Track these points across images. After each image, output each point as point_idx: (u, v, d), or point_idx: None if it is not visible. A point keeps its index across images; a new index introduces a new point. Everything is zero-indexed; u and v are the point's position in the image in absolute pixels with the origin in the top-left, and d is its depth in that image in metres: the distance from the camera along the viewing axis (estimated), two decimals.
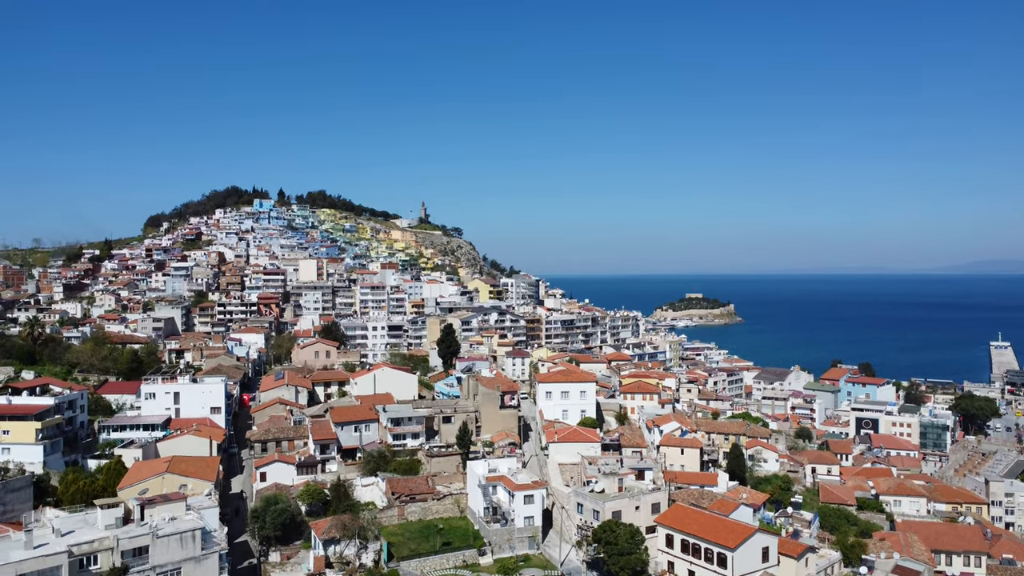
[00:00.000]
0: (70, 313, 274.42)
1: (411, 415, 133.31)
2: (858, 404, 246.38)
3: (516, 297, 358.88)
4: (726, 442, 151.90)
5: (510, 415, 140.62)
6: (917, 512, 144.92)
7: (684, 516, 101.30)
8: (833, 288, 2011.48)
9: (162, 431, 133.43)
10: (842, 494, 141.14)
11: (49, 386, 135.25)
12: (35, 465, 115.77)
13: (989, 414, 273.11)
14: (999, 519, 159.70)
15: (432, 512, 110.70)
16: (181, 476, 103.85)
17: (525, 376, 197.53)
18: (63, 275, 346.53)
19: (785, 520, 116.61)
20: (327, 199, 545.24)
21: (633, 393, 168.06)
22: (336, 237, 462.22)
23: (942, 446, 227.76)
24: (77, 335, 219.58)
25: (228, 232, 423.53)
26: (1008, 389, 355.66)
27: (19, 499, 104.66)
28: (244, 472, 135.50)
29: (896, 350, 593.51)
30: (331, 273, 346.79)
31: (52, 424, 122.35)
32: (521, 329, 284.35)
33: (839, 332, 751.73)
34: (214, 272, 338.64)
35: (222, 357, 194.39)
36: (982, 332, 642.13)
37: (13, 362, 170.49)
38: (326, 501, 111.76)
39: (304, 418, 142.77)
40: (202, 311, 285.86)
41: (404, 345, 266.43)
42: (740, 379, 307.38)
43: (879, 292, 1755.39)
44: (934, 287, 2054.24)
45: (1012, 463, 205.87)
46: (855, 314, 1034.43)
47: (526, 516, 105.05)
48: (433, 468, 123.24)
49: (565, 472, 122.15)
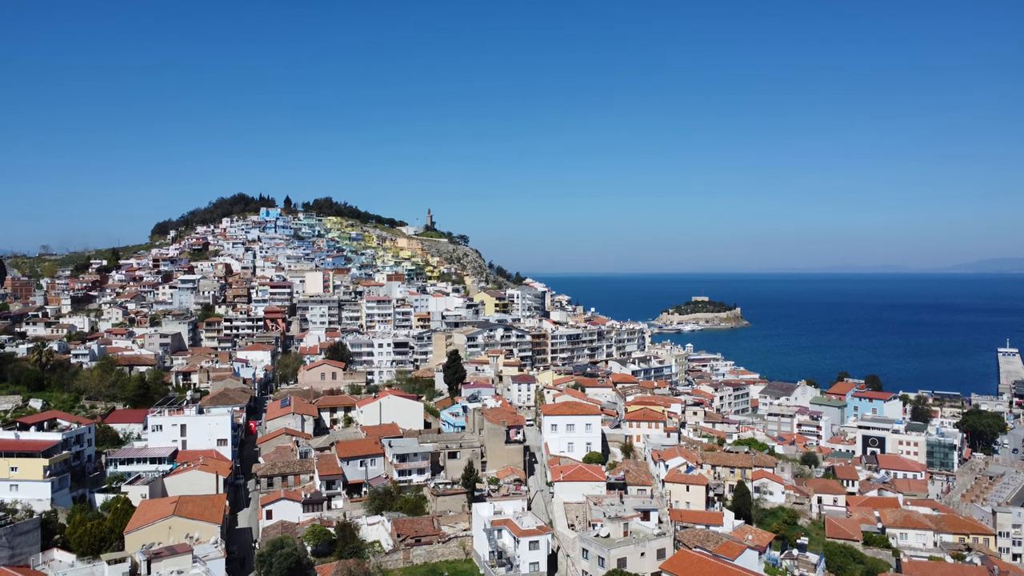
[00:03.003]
0: (78, 327, 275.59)
1: (417, 451, 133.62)
2: (864, 422, 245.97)
3: (522, 309, 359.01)
4: (732, 475, 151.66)
5: (515, 450, 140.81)
6: (923, 546, 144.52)
7: (690, 564, 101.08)
8: (839, 288, 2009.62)
9: (169, 464, 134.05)
10: (848, 528, 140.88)
11: (57, 420, 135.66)
12: (43, 502, 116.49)
13: (997, 431, 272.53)
14: (1006, 550, 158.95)
15: (437, 555, 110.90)
16: (187, 519, 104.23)
17: (531, 402, 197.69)
18: (71, 286, 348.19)
19: (791, 563, 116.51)
20: (333, 206, 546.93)
21: (638, 421, 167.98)
22: (342, 246, 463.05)
23: (949, 466, 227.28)
24: (85, 352, 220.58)
25: (235, 242, 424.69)
26: (1016, 401, 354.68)
27: (27, 542, 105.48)
28: (250, 506, 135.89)
29: (903, 356, 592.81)
30: (337, 285, 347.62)
31: (60, 460, 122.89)
32: (527, 345, 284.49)
33: (846, 337, 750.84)
34: (221, 284, 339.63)
35: (228, 380, 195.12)
36: (990, 337, 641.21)
37: (21, 388, 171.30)
38: (332, 541, 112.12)
39: (310, 450, 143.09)
40: (209, 326, 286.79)
41: (410, 362, 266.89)
42: (746, 393, 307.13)
43: (886, 293, 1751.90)
44: (942, 287, 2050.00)
45: (1019, 487, 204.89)
46: (862, 317, 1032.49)
47: (531, 562, 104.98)
48: (439, 507, 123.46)
49: (570, 511, 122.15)
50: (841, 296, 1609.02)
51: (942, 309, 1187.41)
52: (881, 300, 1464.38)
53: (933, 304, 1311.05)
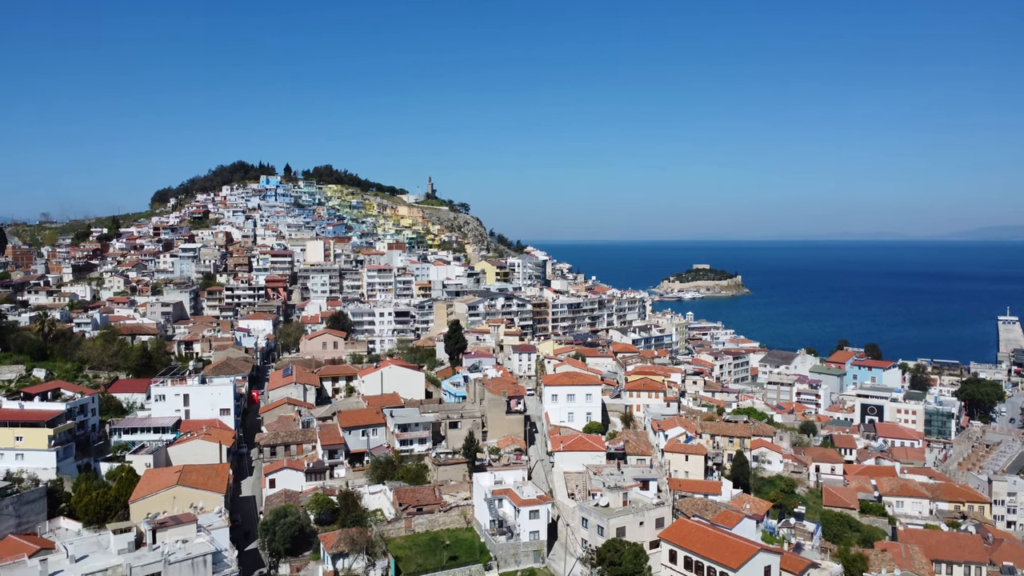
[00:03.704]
0: (80, 296, 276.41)
1: (418, 421, 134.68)
2: (863, 390, 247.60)
3: (523, 278, 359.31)
4: (731, 445, 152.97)
5: (516, 420, 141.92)
6: (919, 514, 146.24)
7: (688, 532, 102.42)
8: (839, 256, 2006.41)
9: (172, 434, 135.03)
10: (845, 497, 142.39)
11: (60, 391, 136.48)
12: (48, 471, 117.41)
13: (995, 399, 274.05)
14: (1001, 518, 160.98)
15: (439, 524, 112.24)
16: (191, 488, 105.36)
17: (531, 372, 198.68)
18: (72, 255, 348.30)
19: (788, 532, 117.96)
20: (333, 174, 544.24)
21: (639, 391, 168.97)
22: (343, 214, 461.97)
23: (947, 434, 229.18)
24: (87, 321, 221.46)
25: (235, 210, 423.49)
26: (1015, 370, 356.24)
27: (33, 510, 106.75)
28: (254, 474, 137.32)
29: (903, 324, 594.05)
30: (338, 254, 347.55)
31: (64, 430, 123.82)
32: (528, 314, 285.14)
33: (846, 305, 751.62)
34: (222, 253, 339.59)
35: (231, 349, 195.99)
36: (990, 305, 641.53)
37: (24, 358, 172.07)
38: (335, 509, 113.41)
39: (312, 419, 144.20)
40: (210, 295, 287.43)
41: (411, 331, 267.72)
42: (746, 362, 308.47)
43: (886, 260, 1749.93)
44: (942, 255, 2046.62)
45: (1016, 455, 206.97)
46: (862, 284, 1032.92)
47: (531, 530, 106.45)
48: (440, 476, 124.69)
49: (570, 481, 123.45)
50: (841, 264, 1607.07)
51: (942, 277, 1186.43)
52: (881, 268, 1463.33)
53: (933, 272, 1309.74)
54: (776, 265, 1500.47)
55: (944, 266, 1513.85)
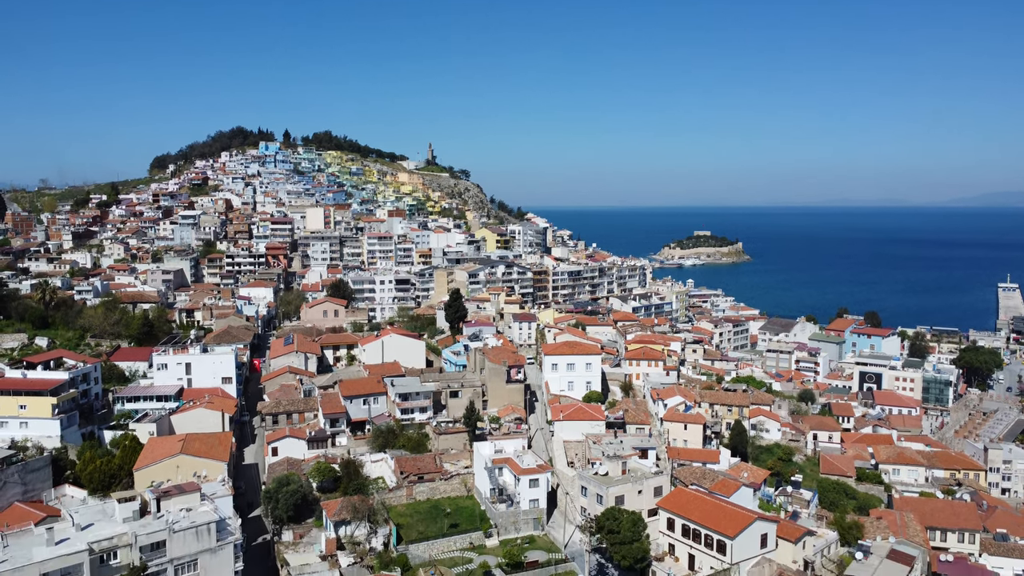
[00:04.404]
0: (80, 264, 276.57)
1: (419, 390, 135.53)
2: (862, 358, 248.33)
3: (523, 245, 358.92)
4: (729, 414, 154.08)
5: (516, 389, 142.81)
6: (915, 481, 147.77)
7: (686, 501, 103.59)
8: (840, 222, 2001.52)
9: (175, 402, 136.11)
10: (842, 465, 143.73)
11: (63, 359, 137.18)
12: (52, 440, 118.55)
13: (993, 367, 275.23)
14: (996, 485, 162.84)
15: (440, 492, 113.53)
16: (195, 457, 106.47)
17: (531, 340, 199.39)
18: (71, 222, 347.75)
19: (785, 500, 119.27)
20: (333, 140, 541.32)
21: (638, 360, 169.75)
22: (343, 181, 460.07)
23: (944, 401, 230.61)
24: (88, 289, 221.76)
25: (234, 177, 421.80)
26: (1013, 337, 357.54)
27: (39, 478, 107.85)
28: (256, 442, 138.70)
29: (903, 292, 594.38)
30: (338, 221, 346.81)
31: (67, 398, 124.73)
32: (528, 282, 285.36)
33: (846, 272, 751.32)
34: (222, 220, 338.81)
35: (232, 318, 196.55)
36: (991, 272, 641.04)
37: (26, 326, 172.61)
38: (337, 477, 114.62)
39: (314, 388, 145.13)
40: (211, 262, 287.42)
41: (411, 299, 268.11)
42: (746, 329, 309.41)
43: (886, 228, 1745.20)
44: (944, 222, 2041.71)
45: (1012, 423, 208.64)
46: (863, 252, 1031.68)
47: (531, 499, 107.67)
48: (441, 445, 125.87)
49: (570, 449, 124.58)
50: (841, 231, 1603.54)
51: (943, 244, 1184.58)
52: (882, 235, 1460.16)
53: (934, 239, 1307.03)
54: (777, 232, 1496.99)
55: (945, 233, 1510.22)
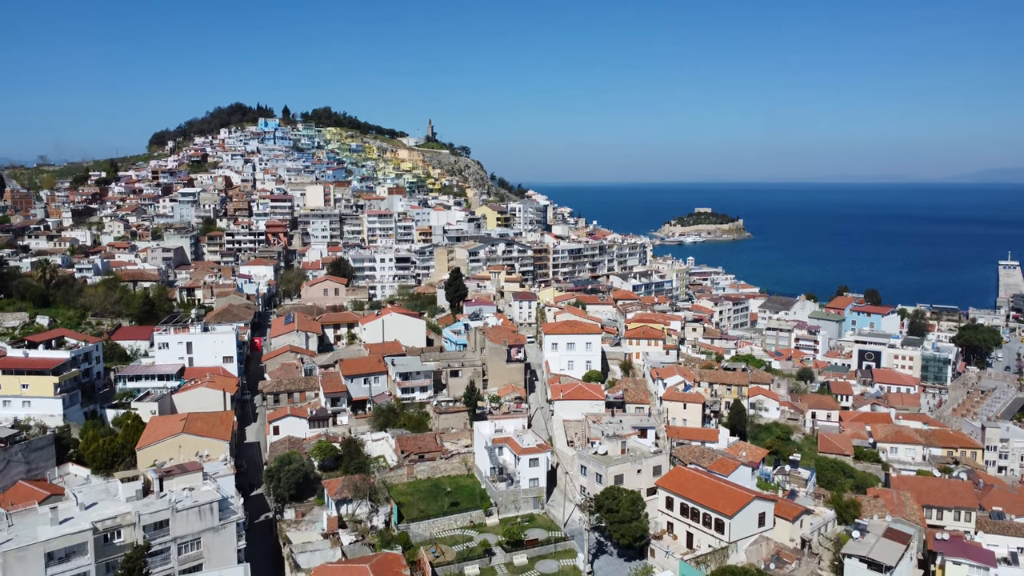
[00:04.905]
0: (80, 241, 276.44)
1: (419, 369, 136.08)
2: (861, 336, 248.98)
3: (524, 223, 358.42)
4: (728, 393, 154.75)
5: (516, 369, 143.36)
6: (912, 460, 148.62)
7: (685, 480, 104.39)
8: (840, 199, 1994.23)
9: (176, 381, 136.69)
10: (840, 444, 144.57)
11: (64, 338, 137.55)
12: (55, 418, 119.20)
13: (992, 345, 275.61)
14: (993, 463, 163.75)
15: (440, 471, 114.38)
16: (197, 436, 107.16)
17: (532, 319, 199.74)
18: (71, 199, 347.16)
19: (783, 479, 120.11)
20: (332, 117, 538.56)
21: (638, 339, 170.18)
22: (343, 158, 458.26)
23: (943, 379, 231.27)
24: (88, 266, 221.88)
25: (234, 154, 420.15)
26: (1013, 315, 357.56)
27: (42, 457, 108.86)
28: (258, 420, 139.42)
29: (904, 269, 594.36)
30: (338, 199, 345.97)
31: (69, 378, 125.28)
32: (528, 260, 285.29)
33: (847, 249, 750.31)
34: (221, 197, 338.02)
35: (232, 296, 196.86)
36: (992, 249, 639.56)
37: (27, 304, 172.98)
38: (338, 456, 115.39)
39: (315, 367, 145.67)
40: (211, 240, 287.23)
41: (412, 277, 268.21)
42: (746, 307, 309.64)
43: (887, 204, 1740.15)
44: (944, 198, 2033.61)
45: (1010, 401, 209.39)
46: (864, 228, 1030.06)
47: (531, 478, 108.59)
48: (441, 424, 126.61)
49: (569, 428, 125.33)
50: (841, 207, 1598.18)
51: (944, 221, 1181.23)
52: (882, 211, 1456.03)
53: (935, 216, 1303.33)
54: (778, 208, 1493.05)
55: (946, 209, 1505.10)
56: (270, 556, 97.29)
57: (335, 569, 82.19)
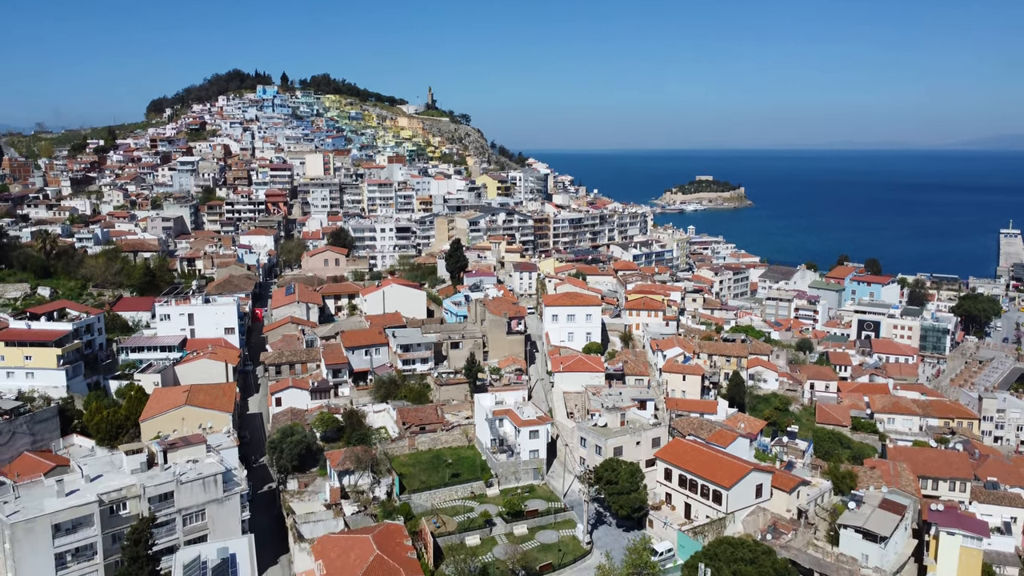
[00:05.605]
0: (79, 210, 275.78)
1: (420, 341, 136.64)
2: (861, 306, 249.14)
3: (524, 192, 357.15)
4: (727, 364, 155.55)
5: (516, 341, 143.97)
6: (909, 430, 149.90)
7: (683, 452, 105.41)
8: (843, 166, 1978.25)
9: (178, 352, 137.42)
10: (837, 415, 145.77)
11: (66, 310, 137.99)
12: (59, 390, 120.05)
13: (991, 314, 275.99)
14: (989, 433, 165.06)
15: (441, 442, 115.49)
16: (200, 408, 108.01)
17: (532, 290, 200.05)
18: (69, 167, 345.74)
19: (780, 450, 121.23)
20: (331, 84, 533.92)
21: (638, 310, 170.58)
22: (342, 126, 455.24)
23: (942, 349, 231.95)
24: (88, 236, 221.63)
25: (232, 122, 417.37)
26: (1013, 284, 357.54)
27: (47, 428, 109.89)
28: (260, 392, 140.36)
29: (906, 238, 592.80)
30: (338, 167, 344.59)
31: (72, 349, 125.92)
32: (529, 229, 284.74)
33: (848, 218, 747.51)
34: (220, 166, 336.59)
35: (233, 267, 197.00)
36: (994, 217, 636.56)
37: (28, 276, 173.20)
38: (340, 428, 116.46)
39: (316, 339, 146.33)
40: (210, 209, 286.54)
41: (412, 246, 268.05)
42: (746, 277, 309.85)
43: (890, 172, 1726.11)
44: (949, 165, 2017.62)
45: (1007, 371, 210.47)
46: (865, 196, 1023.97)
47: (531, 449, 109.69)
48: (442, 396, 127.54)
49: (569, 401, 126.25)
50: (844, 175, 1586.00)
51: (947, 188, 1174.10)
52: (885, 178, 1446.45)
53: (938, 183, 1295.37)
54: (781, 176, 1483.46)
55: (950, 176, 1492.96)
56: (273, 527, 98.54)
57: (338, 539, 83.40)
